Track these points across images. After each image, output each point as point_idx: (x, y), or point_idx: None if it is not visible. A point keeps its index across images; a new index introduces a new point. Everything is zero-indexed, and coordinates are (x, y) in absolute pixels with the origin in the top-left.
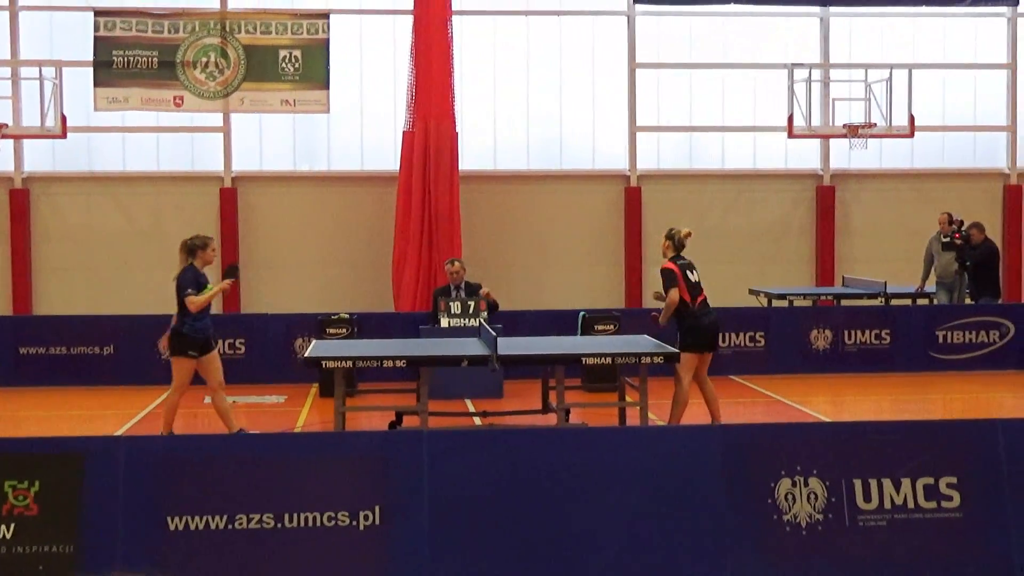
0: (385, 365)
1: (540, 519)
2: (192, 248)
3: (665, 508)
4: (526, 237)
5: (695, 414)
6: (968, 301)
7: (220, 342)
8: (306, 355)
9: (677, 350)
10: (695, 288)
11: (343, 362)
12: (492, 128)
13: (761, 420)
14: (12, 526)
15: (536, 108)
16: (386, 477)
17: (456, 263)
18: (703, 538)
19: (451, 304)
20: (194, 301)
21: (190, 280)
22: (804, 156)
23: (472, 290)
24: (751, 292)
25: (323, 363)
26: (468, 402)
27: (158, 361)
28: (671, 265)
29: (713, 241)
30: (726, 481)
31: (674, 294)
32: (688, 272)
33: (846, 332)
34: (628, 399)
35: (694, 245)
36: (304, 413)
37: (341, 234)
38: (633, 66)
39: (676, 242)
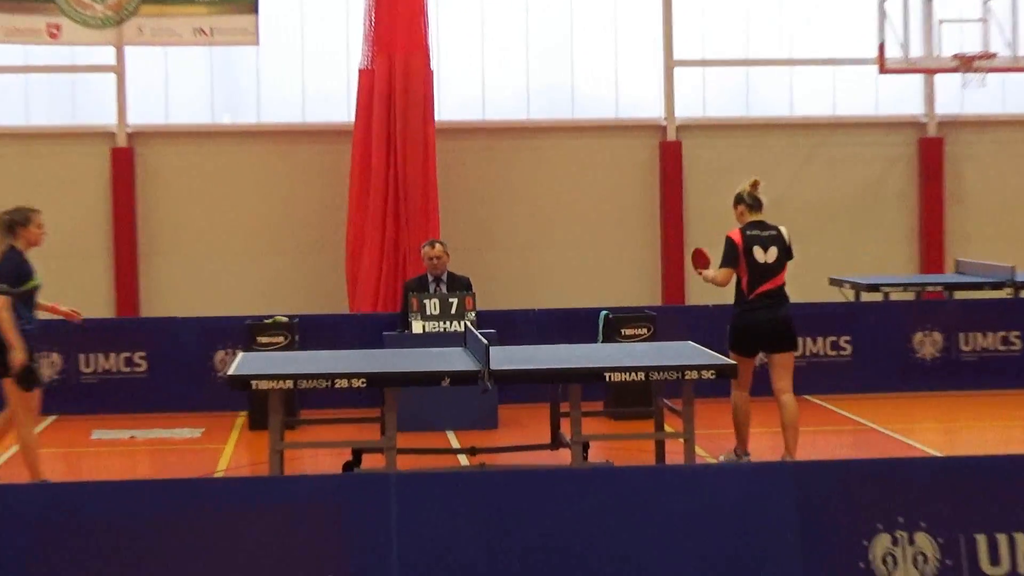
0: (338, 385)
1: None
2: (11, 225)
3: (720, 575)
4: (527, 211)
5: (762, 446)
6: None
7: (114, 356)
8: (230, 373)
9: (734, 362)
10: (761, 271)
11: (281, 382)
12: (480, 66)
13: (849, 455)
14: None
15: (539, 39)
16: (340, 536)
17: (437, 246)
18: None
19: (427, 302)
20: (2, 310)
21: (9, 271)
22: (901, 98)
23: (458, 284)
24: (832, 282)
25: (253, 383)
26: (451, 435)
27: None
28: (735, 234)
29: (780, 214)
30: (803, 538)
31: (721, 275)
32: (758, 247)
33: (962, 335)
34: (668, 429)
35: None
36: (228, 452)
37: (277, 209)
38: None
39: (749, 201)
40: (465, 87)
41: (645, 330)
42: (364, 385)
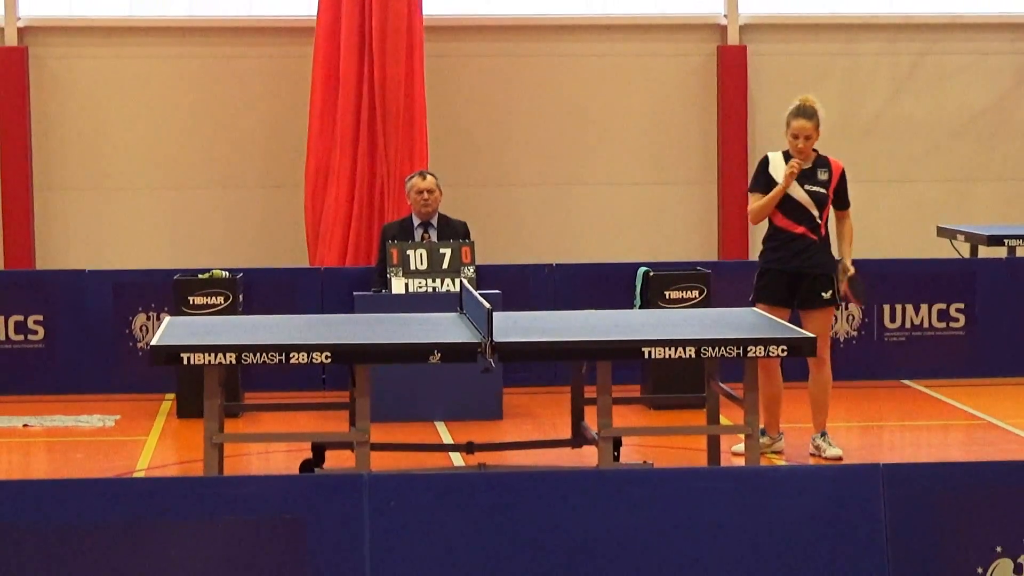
0: (294, 361)
1: None
2: None
3: None
4: (542, 136)
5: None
6: None
7: (0, 321)
8: (154, 343)
9: (811, 335)
10: None
11: (219, 355)
12: None
13: (961, 457)
14: None
15: None
16: (297, 555)
17: (428, 177)
18: None
19: (412, 253)
20: None
21: None
22: None
23: (452, 230)
24: (941, 233)
25: (184, 357)
26: (441, 427)
27: None
28: None
29: (872, 144)
30: (897, 562)
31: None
32: None
33: None
34: (725, 422)
35: (839, 152)
36: (150, 446)
37: (215, 129)
38: None
39: None
40: None
41: (696, 292)
42: (328, 361)
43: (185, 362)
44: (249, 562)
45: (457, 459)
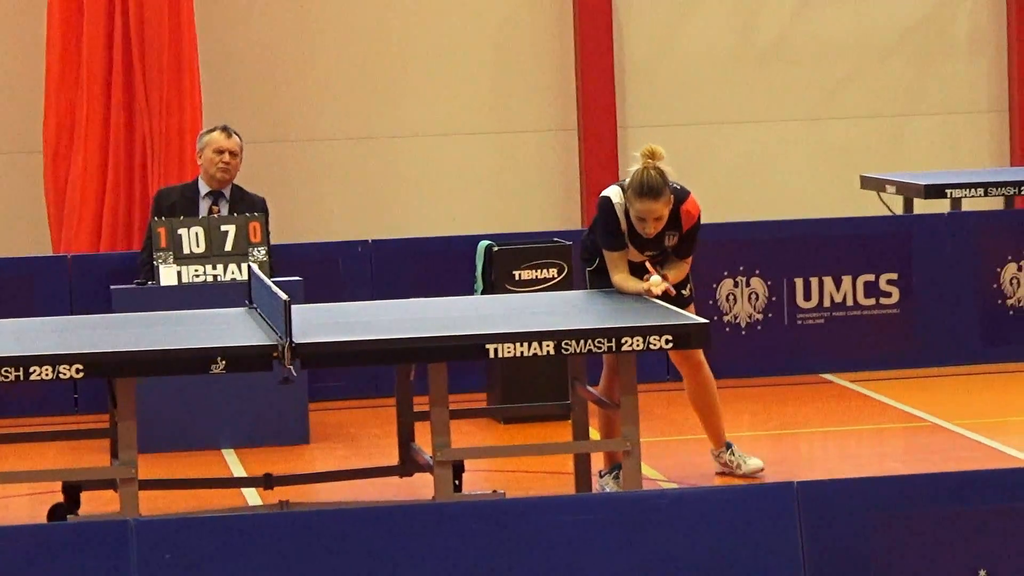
0: (35, 377)
1: None
2: None
3: None
4: (353, 80)
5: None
6: None
7: None
8: None
9: (703, 320)
10: None
11: None
12: None
13: (898, 469)
14: None
15: None
16: None
17: (233, 137)
18: None
19: (185, 232)
20: None
21: None
22: None
23: (249, 206)
24: (865, 184)
25: None
26: (231, 456)
27: None
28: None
29: (775, 73)
30: None
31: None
32: None
33: None
34: (595, 435)
35: (731, 98)
36: None
37: None
38: None
39: None
40: None
41: (555, 271)
42: (80, 375)
43: None
44: None
45: (252, 496)
